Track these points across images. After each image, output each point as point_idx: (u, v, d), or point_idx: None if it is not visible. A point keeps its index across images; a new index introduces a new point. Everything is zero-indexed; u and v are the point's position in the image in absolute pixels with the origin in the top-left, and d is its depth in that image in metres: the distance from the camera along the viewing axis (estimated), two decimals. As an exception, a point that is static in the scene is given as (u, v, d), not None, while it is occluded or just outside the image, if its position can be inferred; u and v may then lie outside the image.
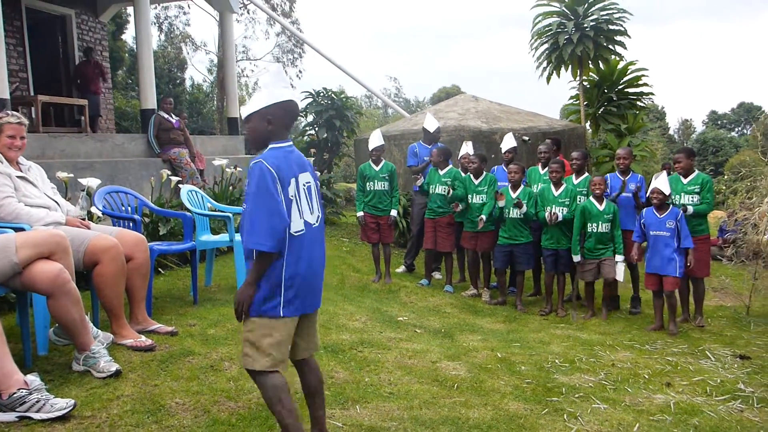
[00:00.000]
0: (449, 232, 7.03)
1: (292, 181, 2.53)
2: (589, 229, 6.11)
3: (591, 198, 6.17)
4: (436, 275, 7.63)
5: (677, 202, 5.78)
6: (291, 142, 2.65)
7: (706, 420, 3.46)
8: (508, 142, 7.26)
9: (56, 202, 4.06)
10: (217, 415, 3.06)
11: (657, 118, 37.08)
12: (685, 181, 5.86)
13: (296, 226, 2.52)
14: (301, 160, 2.66)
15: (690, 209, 5.69)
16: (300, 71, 28.34)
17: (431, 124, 7.78)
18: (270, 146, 2.57)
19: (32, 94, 10.60)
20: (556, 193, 6.35)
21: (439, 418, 3.25)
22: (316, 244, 2.63)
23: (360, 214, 7.01)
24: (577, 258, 6.19)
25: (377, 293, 6.67)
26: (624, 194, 6.27)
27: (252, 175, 2.47)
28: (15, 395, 2.81)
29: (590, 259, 6.17)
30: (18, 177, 3.88)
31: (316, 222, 2.65)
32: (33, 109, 9.00)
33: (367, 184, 6.95)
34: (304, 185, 2.60)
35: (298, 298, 2.53)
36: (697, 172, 5.94)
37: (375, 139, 7.03)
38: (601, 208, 6.08)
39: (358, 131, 12.29)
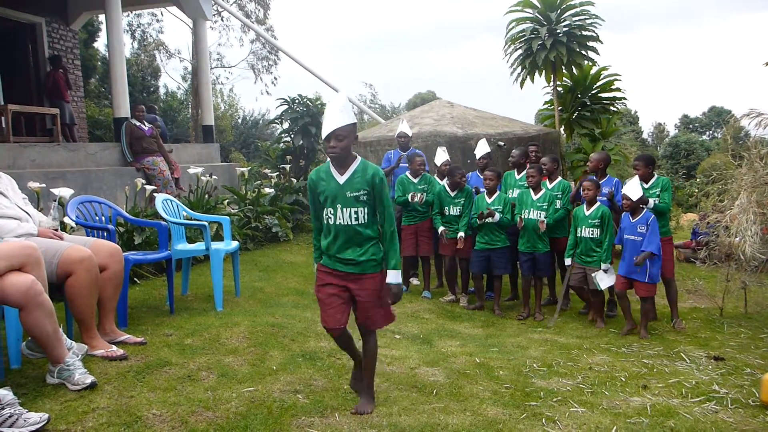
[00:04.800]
0: (430, 236, 7.07)
1: None
2: (578, 233, 6.14)
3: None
4: (414, 281, 7.64)
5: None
6: None
7: (682, 422, 3.50)
8: (482, 148, 7.30)
9: (27, 213, 3.99)
10: (194, 425, 3.03)
11: (630, 123, 37.54)
12: (646, 185, 6.00)
13: None
14: None
15: (651, 202, 5.82)
16: (275, 78, 28.22)
17: (399, 128, 7.88)
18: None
19: (2, 103, 10.42)
20: (535, 198, 6.40)
21: (418, 424, 3.25)
22: None
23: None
24: (568, 261, 6.24)
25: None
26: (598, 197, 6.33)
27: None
28: (-13, 410, 2.75)
29: (578, 264, 6.16)
30: (-12, 187, 3.81)
31: None
32: (3, 118, 8.85)
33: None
34: None
35: None
36: (656, 176, 6.08)
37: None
38: (587, 212, 6.07)
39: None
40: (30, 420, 2.81)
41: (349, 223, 3.28)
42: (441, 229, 6.74)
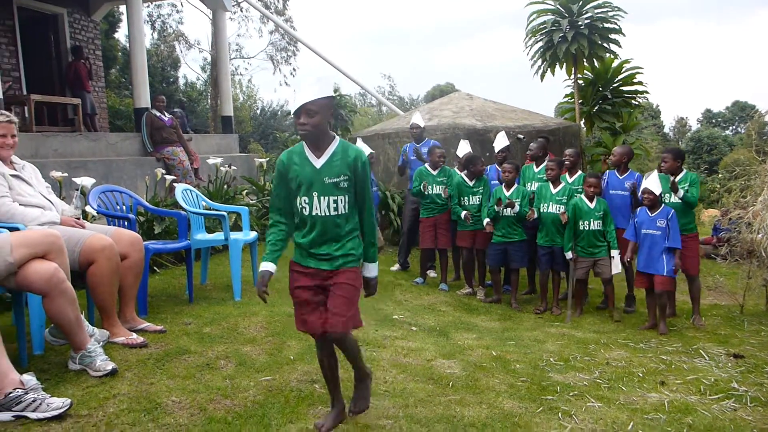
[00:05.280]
0: (449, 228, 7.07)
1: None
2: (581, 227, 6.11)
3: (582, 196, 6.19)
4: (431, 273, 7.64)
5: (667, 201, 5.80)
6: None
7: (699, 419, 3.48)
8: (501, 142, 7.26)
9: (51, 201, 4.05)
10: (213, 413, 3.06)
11: (652, 117, 37.18)
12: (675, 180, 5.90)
13: None
14: None
15: (681, 192, 5.72)
16: (294, 69, 28.19)
17: (412, 119, 7.89)
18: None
19: (25, 93, 10.56)
20: (554, 191, 6.37)
21: (434, 416, 3.26)
22: None
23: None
24: (569, 255, 6.21)
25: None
26: (619, 192, 6.29)
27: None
28: (11, 395, 2.81)
29: (584, 257, 6.18)
30: (12, 176, 3.87)
31: None
32: (26, 108, 8.97)
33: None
34: None
35: None
36: (685, 171, 5.98)
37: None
38: (591, 205, 6.09)
39: (352, 129, 12.28)
40: (53, 405, 2.86)
41: (327, 213, 2.85)
42: (464, 213, 6.71)
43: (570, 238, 6.18)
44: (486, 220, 6.63)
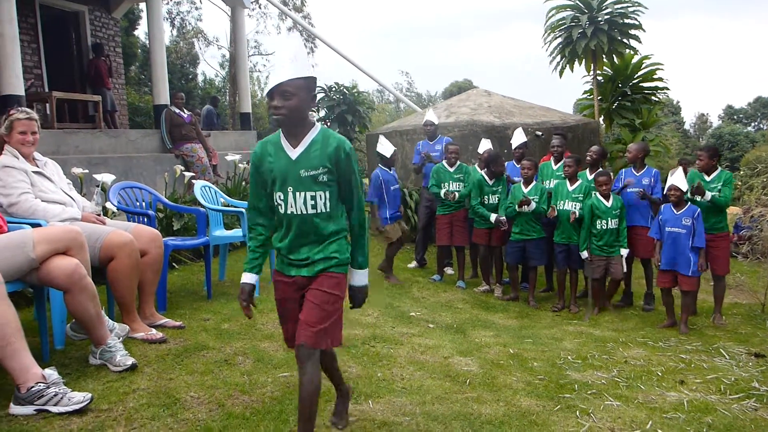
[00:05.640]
0: (465, 226, 7.06)
1: None
2: (599, 227, 6.06)
3: (598, 194, 6.14)
4: (448, 271, 7.64)
5: (698, 200, 5.70)
6: None
7: (719, 418, 3.45)
8: (518, 138, 7.23)
9: (72, 197, 4.10)
10: (231, 409, 3.09)
11: (672, 113, 36.79)
12: (708, 178, 5.82)
13: None
14: None
15: (708, 195, 5.63)
16: (312, 66, 28.32)
17: (426, 116, 7.91)
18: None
19: (47, 90, 10.68)
20: (570, 188, 6.33)
21: (451, 413, 3.26)
22: None
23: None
24: (584, 254, 6.17)
25: (389, 289, 6.68)
26: (633, 190, 6.24)
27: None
28: (33, 389, 2.85)
29: (599, 256, 6.12)
30: (34, 172, 3.92)
31: None
32: (48, 105, 9.07)
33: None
34: None
35: None
36: (720, 169, 5.88)
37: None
38: (608, 204, 6.05)
39: (370, 126, 12.28)
40: (74, 399, 2.90)
41: (304, 212, 2.46)
42: (494, 216, 6.65)
43: (586, 238, 6.13)
44: (493, 216, 6.61)
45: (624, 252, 6.05)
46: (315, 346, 2.46)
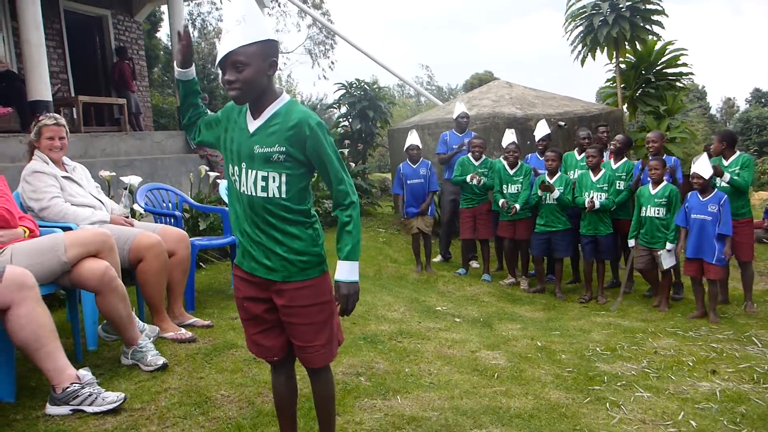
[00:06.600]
0: (489, 219, 7.03)
1: None
2: (643, 213, 5.96)
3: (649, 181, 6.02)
4: (474, 264, 7.62)
5: (718, 185, 5.65)
6: None
7: (753, 408, 3.40)
8: (542, 130, 7.20)
9: (101, 200, 4.17)
10: (260, 406, 3.12)
11: (697, 98, 36.16)
12: (726, 163, 5.76)
13: None
14: None
15: (727, 176, 5.57)
16: (332, 63, 28.33)
17: (458, 108, 7.84)
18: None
19: (73, 94, 10.84)
20: (594, 179, 6.27)
21: (480, 407, 3.26)
22: None
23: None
24: (631, 243, 6.10)
25: (415, 283, 6.69)
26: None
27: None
28: (68, 389, 2.91)
29: (643, 246, 5.99)
30: (63, 177, 3.99)
31: None
32: (74, 109, 9.21)
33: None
34: None
35: None
36: (738, 153, 5.81)
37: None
38: (653, 191, 5.92)
39: (391, 121, 12.27)
40: (108, 399, 2.95)
41: (253, 193, 2.12)
42: (502, 201, 6.64)
43: (635, 226, 6.04)
44: (501, 200, 6.61)
45: (669, 246, 5.75)
46: (330, 361, 2.34)
